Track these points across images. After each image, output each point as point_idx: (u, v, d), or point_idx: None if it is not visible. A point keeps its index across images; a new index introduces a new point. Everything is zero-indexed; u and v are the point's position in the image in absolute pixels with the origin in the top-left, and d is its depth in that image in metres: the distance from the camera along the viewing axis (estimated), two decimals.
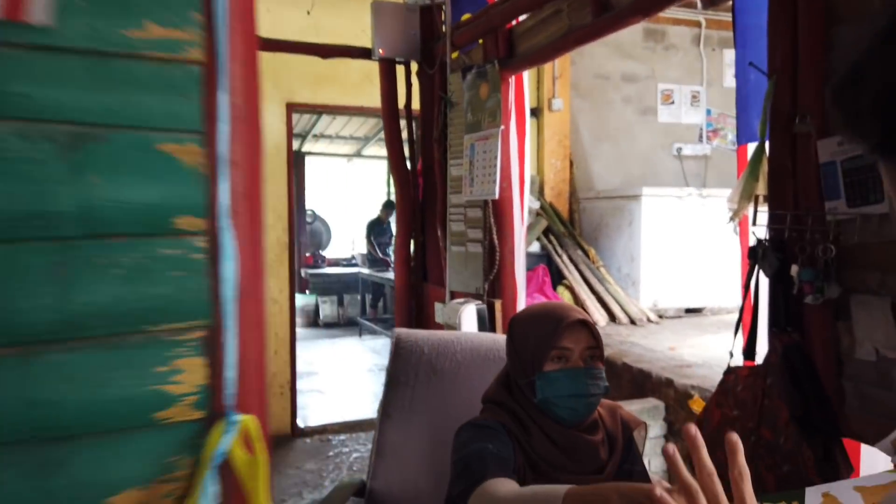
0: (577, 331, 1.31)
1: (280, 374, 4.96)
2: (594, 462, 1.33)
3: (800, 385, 1.39)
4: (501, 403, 1.38)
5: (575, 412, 1.31)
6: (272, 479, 3.96)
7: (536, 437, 1.32)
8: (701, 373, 3.37)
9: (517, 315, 1.45)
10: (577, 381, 1.29)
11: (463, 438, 1.33)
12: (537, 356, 1.32)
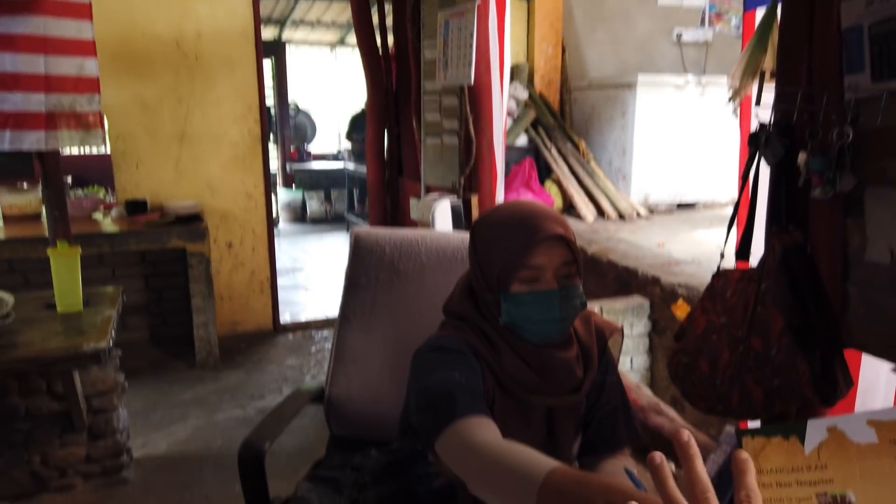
0: (552, 246, 1.11)
1: (259, 270, 4.83)
2: (569, 380, 1.18)
3: (799, 291, 1.21)
4: (465, 318, 1.21)
5: (546, 337, 1.15)
6: (253, 374, 3.86)
7: (506, 357, 1.15)
8: (689, 270, 3.23)
9: (482, 218, 1.23)
10: (548, 304, 1.11)
11: (424, 364, 1.15)
12: (504, 274, 1.12)
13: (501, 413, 1.14)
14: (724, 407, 1.34)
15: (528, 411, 1.17)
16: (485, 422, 1.02)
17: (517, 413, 1.16)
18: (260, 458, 1.51)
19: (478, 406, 1.04)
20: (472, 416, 1.01)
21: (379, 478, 1.26)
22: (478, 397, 1.06)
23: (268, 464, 2.93)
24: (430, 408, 1.06)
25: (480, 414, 1.02)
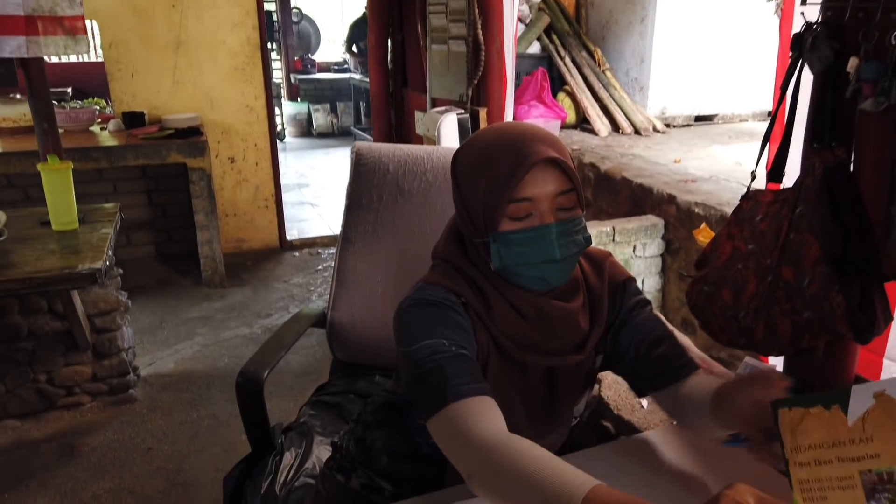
0: (544, 172, 0.95)
1: (263, 186, 4.72)
2: (572, 337, 1.05)
3: (840, 216, 1.10)
4: (454, 264, 1.06)
5: (545, 282, 1.00)
6: (260, 292, 3.83)
7: (499, 311, 1.02)
8: (707, 188, 3.09)
9: (461, 148, 1.06)
10: (544, 242, 0.96)
11: (408, 323, 1.00)
12: (490, 211, 0.97)
13: (497, 372, 1.03)
14: (746, 340, 1.25)
15: (525, 371, 1.06)
16: (482, 405, 0.91)
17: (514, 371, 1.05)
18: (258, 386, 1.45)
19: (472, 382, 0.93)
20: (467, 398, 0.91)
21: (380, 420, 1.18)
22: (470, 368, 0.95)
23: (273, 384, 2.96)
24: (419, 383, 0.95)
25: (476, 393, 0.92)
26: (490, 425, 0.89)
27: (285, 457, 1.51)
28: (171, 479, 2.38)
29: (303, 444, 1.55)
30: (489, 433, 0.87)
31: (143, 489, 2.32)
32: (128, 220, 4.42)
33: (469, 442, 0.88)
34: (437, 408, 0.92)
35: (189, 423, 2.71)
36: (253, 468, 1.51)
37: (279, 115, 8.67)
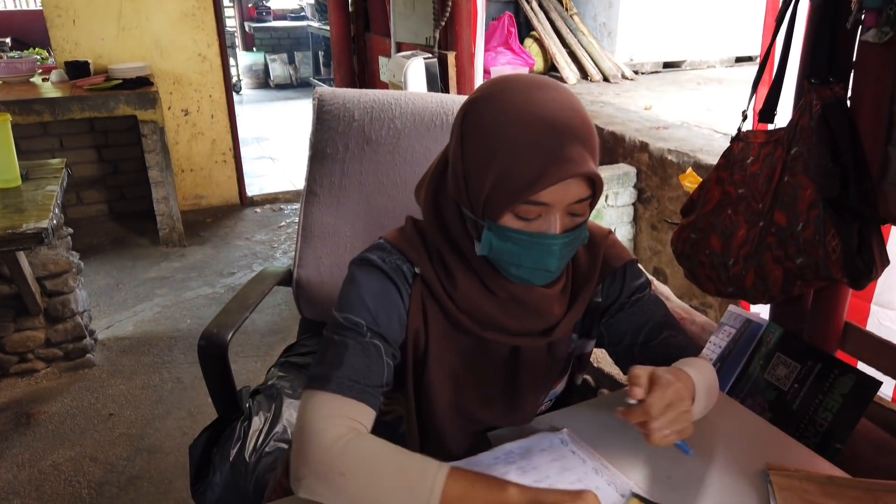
0: (571, 183, 0.82)
1: (220, 140, 4.53)
2: (543, 320, 0.96)
3: (838, 156, 1.04)
4: (425, 226, 0.96)
5: (529, 283, 0.91)
6: (221, 250, 3.69)
7: (464, 286, 0.93)
8: (679, 135, 3.04)
9: (482, 100, 0.87)
10: (544, 252, 0.85)
11: (348, 284, 0.94)
12: (495, 202, 0.84)
13: (445, 351, 0.96)
14: (735, 289, 1.21)
15: (483, 348, 0.98)
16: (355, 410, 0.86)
17: (468, 350, 0.98)
18: (222, 349, 1.36)
19: (362, 383, 0.87)
20: (345, 397, 0.85)
21: None
22: (371, 367, 0.88)
23: (238, 345, 2.87)
24: (322, 347, 0.90)
25: (356, 397, 0.86)
26: (350, 425, 0.84)
27: (254, 421, 1.43)
28: (136, 444, 2.29)
29: (272, 408, 1.48)
30: (336, 436, 0.82)
31: (105, 456, 2.23)
32: (77, 177, 4.21)
33: (319, 441, 0.82)
34: (313, 385, 0.87)
35: (152, 388, 2.61)
36: (220, 434, 1.43)
37: (234, 67, 8.33)
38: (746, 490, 0.93)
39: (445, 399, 0.97)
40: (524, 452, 0.99)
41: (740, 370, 1.31)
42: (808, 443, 1.07)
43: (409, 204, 1.73)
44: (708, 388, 0.95)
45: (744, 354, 1.32)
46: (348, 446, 0.81)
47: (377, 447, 0.82)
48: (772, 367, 1.27)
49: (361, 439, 0.83)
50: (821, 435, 1.17)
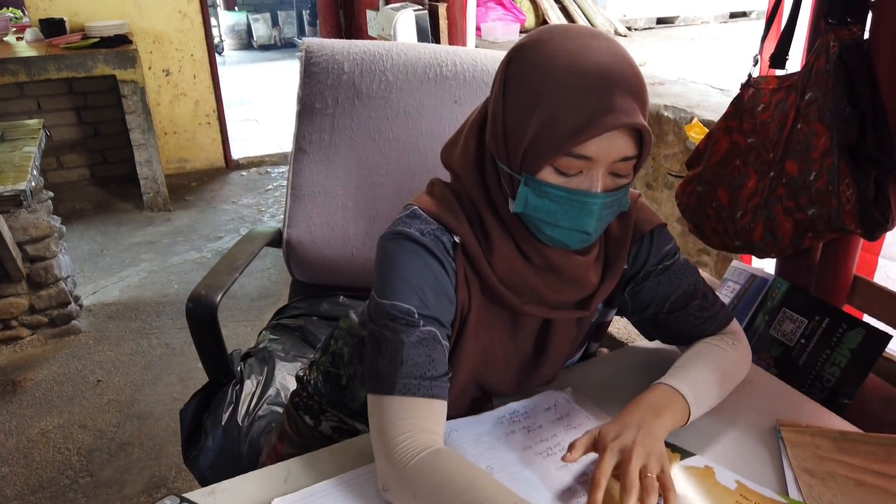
0: (619, 135, 0.76)
1: (203, 101, 4.41)
2: (578, 291, 0.92)
3: (855, 100, 0.99)
4: (461, 188, 0.89)
5: (564, 245, 0.85)
6: (207, 214, 3.61)
7: (501, 253, 0.87)
8: (675, 90, 2.98)
9: (530, 45, 0.81)
10: (583, 212, 0.79)
11: (387, 266, 0.86)
12: (535, 154, 0.78)
13: (482, 322, 0.91)
14: (743, 242, 1.17)
15: (518, 321, 0.93)
16: (426, 410, 0.81)
17: (503, 323, 0.93)
18: (212, 311, 1.32)
19: (427, 378, 0.82)
20: (414, 398, 0.81)
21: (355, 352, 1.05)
22: (432, 356, 0.83)
23: (228, 309, 2.82)
24: (373, 343, 0.84)
25: (425, 395, 0.81)
26: (424, 438, 0.79)
27: (246, 385, 1.40)
28: (125, 411, 2.26)
29: (264, 371, 1.44)
30: (417, 448, 0.78)
31: (94, 423, 2.20)
32: (56, 140, 4.09)
33: (392, 454, 0.78)
34: (378, 389, 0.82)
35: (140, 353, 2.57)
36: (211, 399, 1.40)
37: (216, 27, 8.12)
38: (757, 447, 0.91)
39: (470, 373, 0.93)
40: (529, 412, 0.96)
41: (745, 326, 1.28)
42: (815, 399, 1.04)
43: (402, 162, 1.67)
44: (719, 381, 0.93)
45: (748, 310, 1.29)
46: (422, 464, 0.77)
47: (449, 472, 0.76)
48: (777, 322, 1.24)
49: (436, 459, 0.77)
50: (828, 391, 1.14)
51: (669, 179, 2.70)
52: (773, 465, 0.87)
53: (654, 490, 0.75)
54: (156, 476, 1.98)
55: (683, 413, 0.87)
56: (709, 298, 0.99)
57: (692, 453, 0.88)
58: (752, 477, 0.84)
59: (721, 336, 0.99)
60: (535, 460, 0.88)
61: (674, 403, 0.87)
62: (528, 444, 0.91)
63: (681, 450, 0.88)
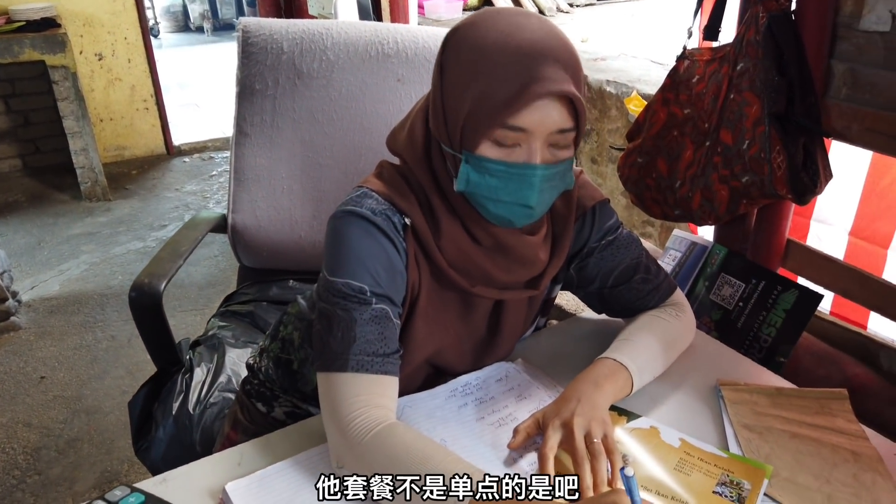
0: (551, 103, 0.77)
1: (140, 86, 4.27)
2: (529, 270, 0.93)
3: (784, 69, 1.02)
4: (407, 170, 0.89)
5: (509, 223, 0.85)
6: (150, 203, 3.51)
7: (449, 237, 0.87)
8: (616, 66, 3.02)
9: (462, 28, 0.83)
10: (523, 184, 0.80)
11: (338, 244, 0.85)
12: (472, 128, 0.79)
13: (434, 305, 0.92)
14: (682, 211, 1.20)
15: (469, 303, 0.94)
16: (378, 386, 0.81)
17: (455, 305, 0.94)
18: (156, 299, 1.29)
19: (379, 355, 0.82)
20: (366, 374, 0.81)
21: (305, 336, 1.04)
22: (384, 333, 0.83)
23: (175, 298, 2.76)
24: (325, 321, 0.83)
25: (378, 371, 0.82)
26: (378, 413, 0.79)
27: (196, 373, 1.37)
28: (72, 406, 2.20)
29: (214, 359, 1.42)
30: (372, 423, 0.78)
31: (40, 420, 2.13)
32: None
33: (347, 430, 0.78)
34: (330, 366, 0.81)
35: (85, 348, 2.50)
36: (160, 389, 1.37)
37: (150, 9, 7.82)
38: (700, 406, 0.94)
39: (425, 353, 0.94)
40: (481, 384, 0.98)
41: (687, 292, 1.32)
42: (753, 359, 1.09)
43: (347, 142, 1.65)
44: (662, 350, 0.96)
45: (689, 277, 1.34)
46: (378, 439, 0.77)
47: (405, 445, 0.76)
48: (717, 287, 1.28)
49: (391, 434, 0.77)
50: (765, 350, 1.19)
51: (614, 154, 2.75)
52: (714, 423, 0.91)
53: (601, 454, 0.78)
54: (108, 471, 1.94)
55: (626, 383, 0.90)
56: (652, 271, 1.02)
57: (638, 415, 0.91)
58: (695, 435, 0.87)
59: (664, 308, 1.03)
60: (488, 431, 0.90)
61: (615, 375, 0.90)
62: (481, 415, 0.93)
63: (627, 412, 0.91)
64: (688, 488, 0.77)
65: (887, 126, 1.01)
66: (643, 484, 0.78)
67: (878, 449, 0.85)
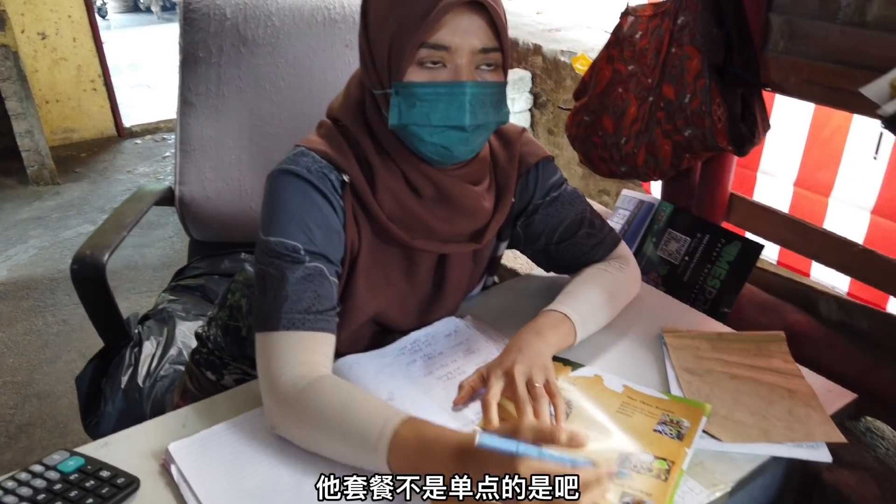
0: (469, 18, 0.78)
1: (87, 66, 4.13)
2: (473, 221, 0.92)
3: (722, 22, 1.04)
4: (344, 127, 0.89)
5: (447, 152, 0.84)
6: (101, 185, 3.40)
7: (388, 187, 0.87)
8: (571, 36, 3.03)
9: None
10: (454, 103, 0.80)
11: (273, 201, 0.85)
12: (396, 55, 0.80)
13: (375, 262, 0.91)
14: (628, 168, 1.22)
15: (412, 259, 0.94)
16: (311, 343, 0.81)
17: (397, 262, 0.94)
18: (99, 271, 1.26)
19: (311, 312, 0.81)
20: (298, 332, 0.80)
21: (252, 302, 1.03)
22: (318, 291, 0.82)
23: (129, 280, 2.70)
24: (259, 281, 0.83)
25: (311, 328, 0.81)
26: (306, 369, 0.79)
27: (145, 347, 1.35)
28: (23, 391, 2.14)
29: (164, 332, 1.39)
30: (297, 380, 0.78)
31: None
32: None
33: (275, 388, 0.78)
34: (263, 326, 0.81)
35: (35, 333, 2.43)
36: (109, 364, 1.34)
37: None
38: (644, 354, 0.96)
39: (368, 311, 0.93)
40: (429, 339, 0.98)
41: (636, 250, 1.34)
42: (699, 310, 1.11)
43: (295, 110, 1.63)
44: (606, 301, 0.97)
45: (638, 234, 1.36)
46: (302, 394, 0.76)
47: (329, 396, 0.76)
48: (664, 243, 1.30)
49: (315, 387, 0.77)
50: (710, 302, 1.22)
51: None
52: (657, 368, 0.92)
53: (543, 397, 0.79)
54: None
55: (569, 333, 0.91)
56: (596, 225, 1.03)
57: (582, 364, 0.92)
58: (638, 381, 0.89)
59: (609, 261, 1.04)
60: (436, 385, 0.90)
61: (558, 325, 0.91)
62: (429, 370, 0.93)
63: (572, 363, 0.92)
64: (629, 429, 0.79)
65: (822, 77, 1.03)
66: (586, 427, 0.79)
67: (813, 386, 0.87)
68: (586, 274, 1.01)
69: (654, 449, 0.76)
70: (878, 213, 1.25)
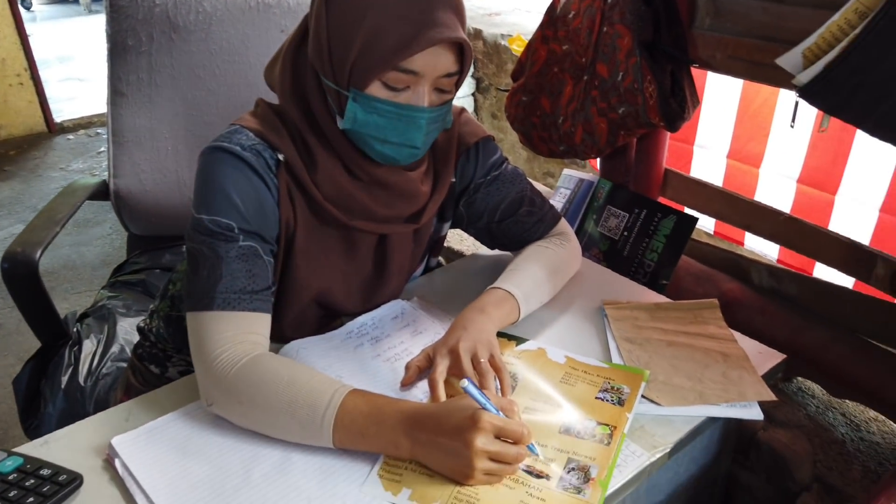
0: (442, 51, 0.79)
1: (11, 60, 3.95)
2: (410, 204, 0.93)
3: (651, 0, 1.06)
4: (282, 106, 0.88)
5: (394, 161, 0.86)
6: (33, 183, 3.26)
7: (326, 170, 0.86)
8: (511, 20, 3.05)
9: None
10: (411, 126, 0.82)
11: (206, 180, 0.83)
12: (363, 68, 0.79)
13: (312, 243, 0.91)
14: (567, 146, 1.24)
15: (352, 240, 0.94)
16: (245, 323, 0.81)
17: (336, 242, 0.93)
18: (31, 268, 1.21)
19: (246, 291, 0.81)
20: (233, 311, 0.80)
21: None
22: (252, 270, 0.82)
23: (68, 280, 2.61)
24: (192, 261, 0.82)
25: (245, 308, 0.81)
26: (245, 347, 0.79)
27: (85, 345, 1.32)
28: None
29: (104, 329, 1.36)
30: (238, 356, 0.78)
31: None
32: None
33: (213, 366, 0.78)
34: (196, 306, 0.80)
35: None
36: (47, 364, 1.30)
37: None
38: (586, 326, 0.98)
39: (310, 293, 0.93)
40: (376, 322, 0.98)
41: (577, 228, 1.37)
42: (639, 283, 1.14)
43: (231, 97, 1.59)
44: (548, 277, 0.99)
45: (579, 212, 1.38)
46: (243, 371, 0.77)
47: (272, 373, 0.76)
48: (604, 219, 1.33)
49: (257, 363, 0.77)
50: (649, 275, 1.26)
51: None
52: (598, 340, 0.95)
53: (489, 372, 0.80)
54: None
55: (512, 310, 0.93)
56: (536, 203, 1.05)
57: (526, 339, 0.94)
58: (580, 352, 0.91)
59: (550, 237, 1.06)
60: (383, 367, 0.90)
61: (502, 302, 0.93)
62: (377, 353, 0.93)
63: (516, 337, 0.94)
64: (572, 397, 0.81)
65: (746, 52, 1.07)
66: (531, 399, 0.81)
67: (745, 349, 0.91)
68: (528, 251, 1.03)
69: (596, 415, 0.78)
70: (803, 181, 1.31)
